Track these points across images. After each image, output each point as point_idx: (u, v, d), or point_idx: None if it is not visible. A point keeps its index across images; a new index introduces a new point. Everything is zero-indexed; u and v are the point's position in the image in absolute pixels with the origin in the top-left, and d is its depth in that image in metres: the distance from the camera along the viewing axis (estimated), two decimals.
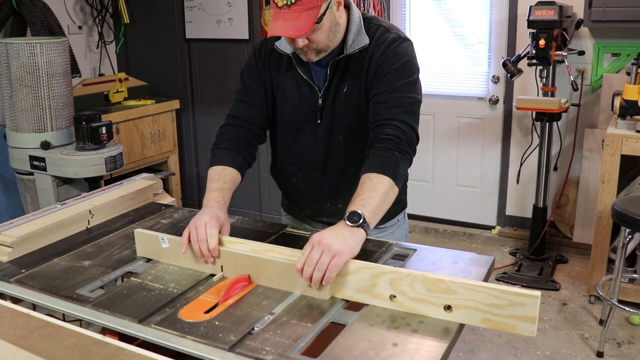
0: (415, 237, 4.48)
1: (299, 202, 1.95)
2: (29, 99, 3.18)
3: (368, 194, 1.48)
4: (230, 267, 1.51)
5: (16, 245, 1.67)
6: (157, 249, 1.61)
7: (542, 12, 3.46)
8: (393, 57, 1.65)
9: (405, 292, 1.33)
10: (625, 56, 3.75)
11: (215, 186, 1.67)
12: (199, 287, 1.46)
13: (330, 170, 1.81)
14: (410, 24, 4.41)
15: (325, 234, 1.39)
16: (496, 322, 1.26)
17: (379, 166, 1.54)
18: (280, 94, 1.79)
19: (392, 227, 1.93)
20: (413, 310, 1.33)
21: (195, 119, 4.71)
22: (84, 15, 4.50)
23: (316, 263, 1.34)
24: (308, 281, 1.36)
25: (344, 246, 1.37)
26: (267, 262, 1.45)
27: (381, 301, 1.36)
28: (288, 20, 1.50)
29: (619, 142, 3.15)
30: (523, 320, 1.23)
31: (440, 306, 1.30)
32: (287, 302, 1.39)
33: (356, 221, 1.41)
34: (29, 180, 3.32)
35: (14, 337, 1.21)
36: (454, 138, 4.37)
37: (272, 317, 1.32)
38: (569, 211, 4.11)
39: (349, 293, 1.39)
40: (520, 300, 1.23)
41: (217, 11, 4.36)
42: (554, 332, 3.15)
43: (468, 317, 1.28)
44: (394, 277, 1.33)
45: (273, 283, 1.45)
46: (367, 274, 1.36)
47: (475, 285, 1.26)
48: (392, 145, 1.57)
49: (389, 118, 1.61)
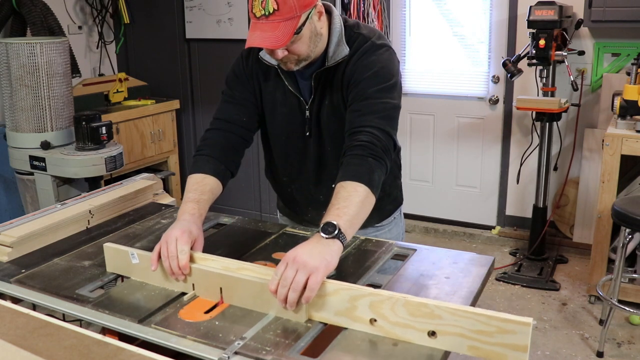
0: (415, 237, 4.48)
1: (295, 209, 1.95)
2: (29, 99, 3.18)
3: (343, 203, 1.41)
4: (201, 285, 1.41)
5: (16, 245, 1.67)
6: (127, 265, 1.51)
7: (542, 12, 3.46)
8: (366, 65, 1.61)
9: (386, 316, 1.23)
10: (625, 56, 3.75)
11: (192, 197, 1.60)
12: (167, 307, 1.37)
13: (324, 181, 1.79)
14: (410, 24, 4.41)
15: (299, 250, 1.31)
16: (484, 350, 1.16)
17: (352, 174, 1.47)
18: (270, 105, 1.76)
19: (388, 225, 1.93)
20: (395, 335, 1.23)
21: (195, 119, 4.71)
22: (84, 15, 4.50)
23: (291, 283, 1.25)
24: (283, 303, 1.27)
25: (320, 261, 1.28)
26: (240, 281, 1.35)
27: (361, 325, 1.26)
28: (266, 31, 1.45)
29: (619, 142, 3.15)
30: (513, 349, 1.13)
31: (424, 332, 1.20)
32: (262, 324, 1.30)
33: (331, 232, 1.34)
34: (29, 180, 3.32)
35: (14, 337, 1.21)
36: (454, 138, 4.37)
37: (242, 343, 1.22)
38: (569, 211, 4.11)
39: (327, 316, 1.29)
40: (511, 328, 1.13)
41: (217, 11, 4.36)
42: (554, 332, 3.15)
43: (454, 345, 1.18)
44: (374, 300, 1.24)
45: (246, 303, 1.36)
46: (346, 295, 1.27)
47: (462, 311, 1.17)
48: (366, 151, 1.51)
49: (363, 125, 1.55)
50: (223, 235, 1.83)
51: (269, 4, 1.44)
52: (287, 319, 1.31)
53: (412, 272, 1.53)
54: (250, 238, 1.77)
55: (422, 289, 1.44)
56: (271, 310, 1.33)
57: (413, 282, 1.47)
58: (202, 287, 1.42)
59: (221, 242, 1.77)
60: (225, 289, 1.38)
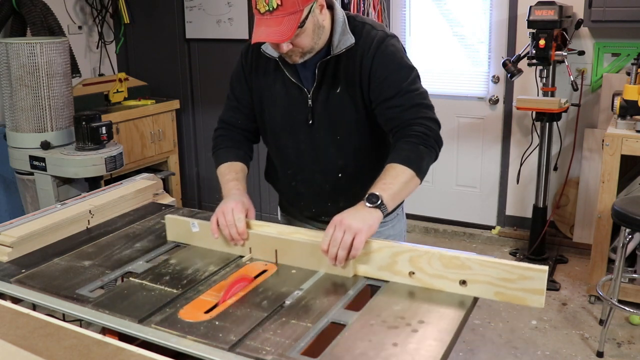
0: (415, 237, 4.48)
1: (299, 205, 1.94)
2: (29, 99, 3.18)
3: (389, 179, 1.55)
4: (258, 248, 1.60)
5: (16, 245, 1.67)
6: (188, 233, 1.71)
7: (542, 12, 3.46)
8: (387, 58, 1.66)
9: (423, 269, 1.43)
10: (625, 56, 3.75)
11: (230, 177, 1.77)
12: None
13: (329, 170, 1.81)
14: (410, 24, 4.41)
15: (345, 214, 1.47)
16: (508, 295, 1.35)
17: (403, 158, 1.59)
18: (270, 98, 1.79)
19: (392, 221, 1.94)
20: (430, 285, 1.42)
21: (195, 119, 4.71)
22: (84, 15, 4.50)
23: (340, 242, 1.42)
24: (333, 260, 1.44)
25: (363, 224, 1.44)
26: (294, 243, 1.55)
27: (401, 278, 1.46)
28: (271, 26, 1.51)
29: (619, 142, 3.15)
30: (532, 292, 1.32)
31: (455, 281, 1.39)
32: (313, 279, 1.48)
33: (374, 202, 1.48)
34: (29, 180, 3.32)
35: (14, 337, 1.21)
36: (454, 138, 4.38)
37: (300, 293, 1.43)
38: (569, 211, 4.11)
39: (371, 271, 1.49)
40: (530, 274, 1.32)
41: (217, 11, 4.36)
42: (554, 332, 3.15)
43: (482, 291, 1.38)
44: (413, 255, 1.44)
45: (299, 263, 1.55)
46: (388, 252, 1.46)
47: (489, 262, 1.36)
48: (419, 140, 1.62)
49: (412, 118, 1.64)
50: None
51: None
52: (335, 274, 1.50)
53: None
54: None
55: (421, 288, 1.44)
56: (321, 268, 1.52)
57: None
58: (259, 250, 1.60)
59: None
60: (280, 250, 1.57)
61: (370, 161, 1.82)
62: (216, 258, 1.63)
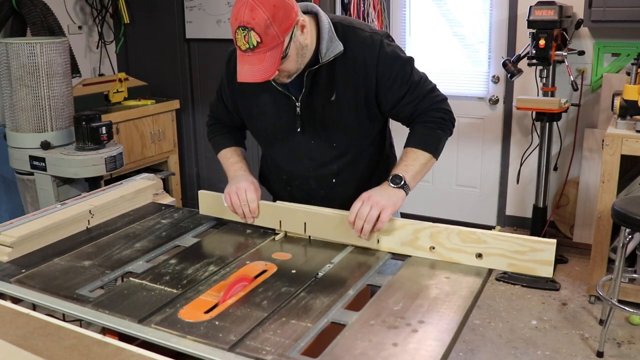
0: None
1: None
2: (29, 99, 3.18)
3: (411, 162, 1.67)
4: (289, 221, 1.74)
5: (16, 245, 1.67)
6: (220, 207, 1.84)
7: (542, 12, 3.46)
8: (390, 59, 1.67)
9: (442, 244, 1.56)
10: (625, 56, 3.75)
11: (235, 160, 1.87)
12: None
13: (324, 176, 1.81)
14: (410, 24, 4.41)
15: (373, 192, 1.60)
16: (519, 266, 1.48)
17: (422, 142, 1.71)
18: (259, 108, 1.78)
19: None
20: (449, 259, 1.56)
21: (195, 119, 4.71)
22: (84, 15, 4.50)
23: (366, 217, 1.54)
24: (359, 232, 1.57)
25: (389, 201, 1.57)
26: (322, 216, 1.68)
27: (422, 252, 1.59)
28: (254, 64, 1.48)
29: (619, 142, 3.15)
30: (541, 263, 1.46)
31: (472, 254, 1.53)
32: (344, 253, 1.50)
33: (398, 183, 1.62)
34: (29, 180, 3.32)
35: (14, 337, 1.21)
36: (454, 138, 4.30)
37: (329, 267, 1.55)
38: (569, 211, 4.11)
39: (395, 246, 1.62)
40: (540, 247, 1.46)
41: (217, 11, 4.36)
42: (554, 332, 3.15)
43: (496, 263, 1.51)
44: (433, 231, 1.57)
45: (327, 235, 1.69)
46: (410, 229, 1.60)
47: (502, 235, 1.50)
48: (437, 125, 1.73)
49: (428, 106, 1.74)
50: (223, 235, 1.83)
51: (251, 38, 1.45)
52: (362, 246, 1.64)
53: (412, 272, 1.53)
54: (250, 238, 1.78)
55: (422, 289, 1.45)
56: (348, 240, 1.65)
57: (413, 282, 1.48)
58: (289, 223, 1.74)
59: (221, 242, 1.77)
60: (309, 222, 1.70)
61: (365, 167, 1.82)
62: (216, 258, 1.63)
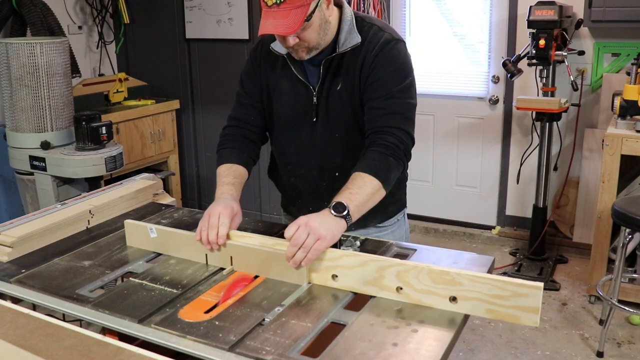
0: (415, 237, 4.48)
1: (297, 202, 1.95)
2: (29, 99, 3.18)
3: (357, 189, 1.53)
4: (216, 256, 1.56)
5: (16, 245, 1.67)
6: (146, 239, 1.66)
7: (542, 12, 3.46)
8: (387, 60, 1.66)
9: (411, 284, 1.36)
10: (625, 56, 3.75)
11: (227, 180, 1.73)
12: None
13: (328, 168, 1.81)
14: (410, 24, 4.41)
15: (311, 217, 1.44)
16: (500, 312, 1.29)
17: (372, 168, 1.58)
18: (277, 94, 1.80)
19: (391, 227, 1.93)
20: (419, 301, 1.36)
21: (195, 119, 4.71)
22: (84, 15, 4.50)
23: (302, 244, 1.39)
24: (289, 259, 1.41)
25: (327, 231, 1.42)
26: (274, 254, 1.49)
27: (388, 293, 1.39)
28: (278, 18, 1.51)
29: (619, 142, 3.15)
30: (526, 310, 1.26)
31: (445, 297, 1.33)
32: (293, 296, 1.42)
33: (340, 212, 1.47)
34: (29, 180, 3.32)
35: (14, 337, 1.21)
36: (454, 138, 4.37)
37: (281, 309, 1.36)
38: (569, 211, 4.11)
39: (357, 285, 1.43)
40: (524, 291, 1.26)
41: (217, 11, 4.36)
42: (554, 332, 3.15)
43: (473, 308, 1.32)
44: (400, 270, 1.37)
45: (252, 270, 1.52)
46: (374, 266, 1.40)
47: (480, 277, 1.30)
48: (389, 151, 1.61)
49: (387, 125, 1.64)
50: None
51: None
52: (287, 281, 1.46)
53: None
54: None
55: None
56: (274, 274, 1.48)
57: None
58: (215, 258, 1.56)
59: None
60: (235, 257, 1.54)
61: None
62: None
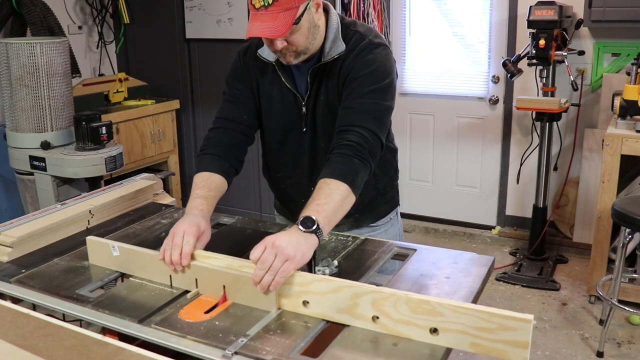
0: (415, 237, 4.48)
1: (290, 206, 1.95)
2: (29, 99, 3.18)
3: (324, 199, 1.44)
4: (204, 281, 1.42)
5: (16, 245, 1.67)
6: (109, 257, 1.56)
7: (542, 12, 3.46)
8: (364, 62, 1.63)
9: (388, 314, 1.24)
10: (625, 56, 3.75)
11: (200, 193, 1.62)
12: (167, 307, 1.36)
13: (317, 176, 1.79)
14: (410, 24, 4.41)
15: (278, 237, 1.34)
16: (485, 346, 1.16)
17: (337, 172, 1.50)
18: (266, 102, 1.77)
19: (384, 226, 1.93)
20: (397, 332, 1.24)
21: (195, 119, 4.71)
22: (84, 15, 4.50)
23: (269, 266, 1.29)
24: (256, 283, 1.30)
25: (297, 251, 1.32)
26: (241, 277, 1.37)
27: (363, 322, 1.27)
28: (266, 21, 1.48)
29: (619, 142, 3.15)
30: (514, 345, 1.14)
31: (425, 329, 1.21)
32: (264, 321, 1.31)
33: (309, 227, 1.37)
34: (29, 180, 3.32)
35: (14, 337, 1.21)
36: (454, 138, 4.37)
37: (245, 340, 1.23)
38: (569, 211, 4.11)
39: (329, 313, 1.30)
40: (512, 325, 1.14)
41: (217, 11, 4.36)
42: (554, 332, 3.15)
43: (455, 341, 1.19)
44: (376, 297, 1.24)
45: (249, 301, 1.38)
46: (348, 293, 1.27)
47: (463, 308, 1.18)
48: (353, 152, 1.53)
49: (353, 124, 1.57)
50: (223, 235, 1.83)
51: None
52: (257, 307, 1.34)
53: (412, 272, 1.53)
54: (250, 238, 1.77)
55: (422, 289, 1.44)
56: (240, 299, 1.36)
57: (413, 282, 1.47)
58: (205, 284, 1.42)
59: (221, 242, 1.77)
60: (201, 280, 1.42)
61: None
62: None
